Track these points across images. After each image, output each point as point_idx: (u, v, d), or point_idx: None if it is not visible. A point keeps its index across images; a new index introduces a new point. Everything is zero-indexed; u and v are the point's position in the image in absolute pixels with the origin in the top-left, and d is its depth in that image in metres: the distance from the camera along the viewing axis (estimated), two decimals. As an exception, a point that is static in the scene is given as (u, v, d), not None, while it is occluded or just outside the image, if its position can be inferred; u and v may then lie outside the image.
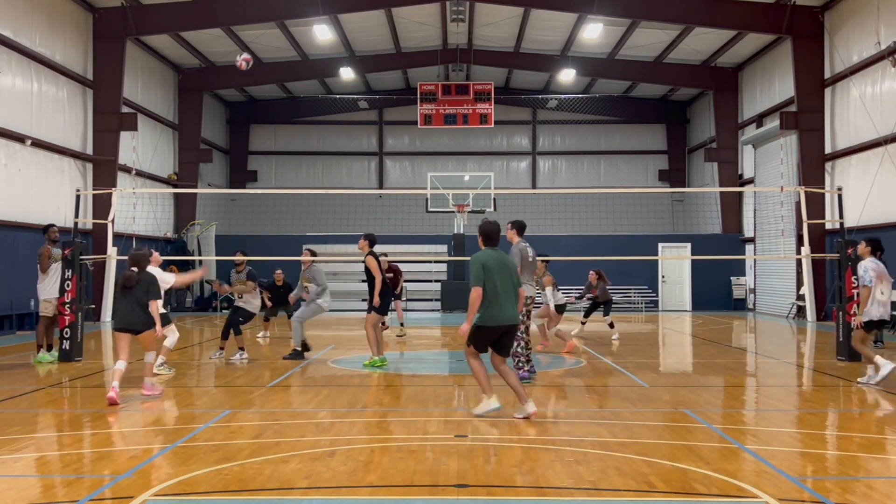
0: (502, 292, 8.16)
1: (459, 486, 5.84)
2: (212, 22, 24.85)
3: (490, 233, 8.40)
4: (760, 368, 13.62)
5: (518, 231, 10.84)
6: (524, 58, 31.11)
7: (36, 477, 6.33)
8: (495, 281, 8.13)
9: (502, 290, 8.16)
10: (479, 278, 8.08)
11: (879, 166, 20.49)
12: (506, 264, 8.31)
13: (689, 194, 34.85)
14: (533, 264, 10.96)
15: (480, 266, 8.10)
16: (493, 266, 8.17)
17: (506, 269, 8.27)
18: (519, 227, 10.86)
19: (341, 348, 16.06)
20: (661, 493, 5.68)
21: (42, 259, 13.26)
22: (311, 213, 31.87)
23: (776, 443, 7.39)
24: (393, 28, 27.81)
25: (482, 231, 8.43)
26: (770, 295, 27.51)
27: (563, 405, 9.41)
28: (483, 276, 8.10)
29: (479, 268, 8.09)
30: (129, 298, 9.61)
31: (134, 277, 9.60)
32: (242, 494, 5.74)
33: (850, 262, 13.32)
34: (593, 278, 18.13)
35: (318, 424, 8.15)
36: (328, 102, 35.18)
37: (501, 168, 36.12)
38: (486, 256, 8.22)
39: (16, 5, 19.81)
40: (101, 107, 23.61)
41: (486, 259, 8.18)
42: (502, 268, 8.23)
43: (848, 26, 22.46)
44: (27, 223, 19.56)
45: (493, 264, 8.18)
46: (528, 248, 10.86)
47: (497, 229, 8.48)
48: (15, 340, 17.49)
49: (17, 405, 9.40)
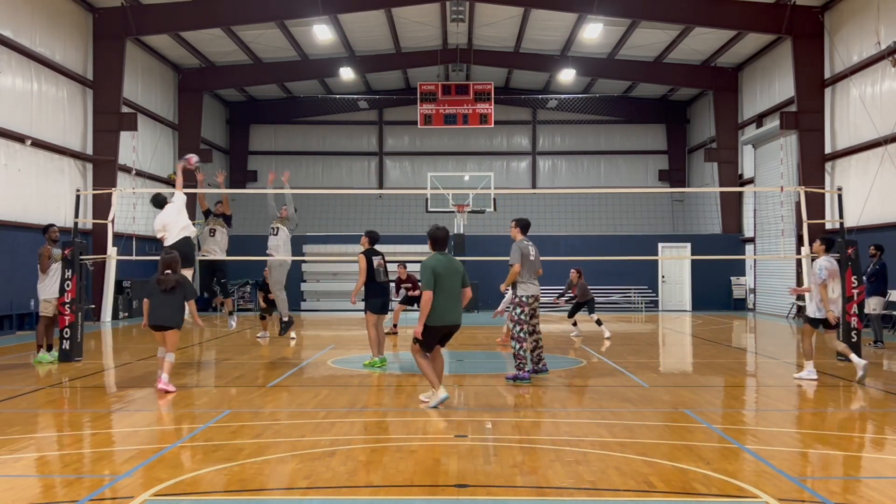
0: (449, 296, 8.81)
1: (459, 486, 5.84)
2: (212, 22, 24.84)
3: (438, 238, 9.02)
4: (760, 368, 13.62)
5: (522, 229, 10.96)
6: (524, 58, 31.10)
7: (36, 477, 6.33)
8: (443, 285, 8.76)
9: (449, 294, 8.80)
10: (430, 283, 8.72)
11: (879, 166, 20.49)
12: (454, 269, 8.91)
13: (689, 194, 34.85)
14: (534, 263, 10.94)
15: (430, 271, 8.73)
16: (442, 271, 8.78)
17: (454, 273, 8.88)
18: (522, 226, 11.02)
19: (341, 348, 16.06)
20: (661, 493, 5.68)
21: (42, 259, 13.26)
22: (311, 213, 31.82)
23: (776, 443, 7.39)
24: (393, 28, 27.81)
25: (430, 236, 9.04)
26: (770, 295, 27.51)
27: (563, 405, 9.41)
28: (433, 280, 8.70)
29: (430, 273, 8.73)
30: (166, 299, 10.19)
31: (171, 280, 10.19)
32: (242, 494, 5.74)
33: (850, 263, 13.32)
34: (574, 276, 18.19)
35: (318, 424, 8.15)
36: (328, 102, 35.18)
37: (501, 168, 36.12)
38: (436, 262, 8.85)
39: (16, 5, 19.81)
40: (101, 107, 23.60)
41: (435, 265, 8.80)
42: (450, 272, 8.84)
43: (848, 26, 22.46)
44: (27, 223, 19.56)
45: (442, 269, 8.79)
46: (531, 246, 10.88)
47: (445, 235, 9.07)
48: (15, 340, 17.49)
49: (17, 405, 9.40)
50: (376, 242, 12.62)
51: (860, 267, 13.61)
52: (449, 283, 8.80)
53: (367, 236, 12.63)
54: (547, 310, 28.80)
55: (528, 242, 10.91)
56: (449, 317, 8.84)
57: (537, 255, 11.06)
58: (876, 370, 12.60)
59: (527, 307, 10.83)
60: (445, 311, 8.80)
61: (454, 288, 8.87)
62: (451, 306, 8.84)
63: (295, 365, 13.22)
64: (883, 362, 13.63)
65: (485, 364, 13.81)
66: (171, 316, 10.20)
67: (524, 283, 10.84)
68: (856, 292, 13.30)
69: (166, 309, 10.19)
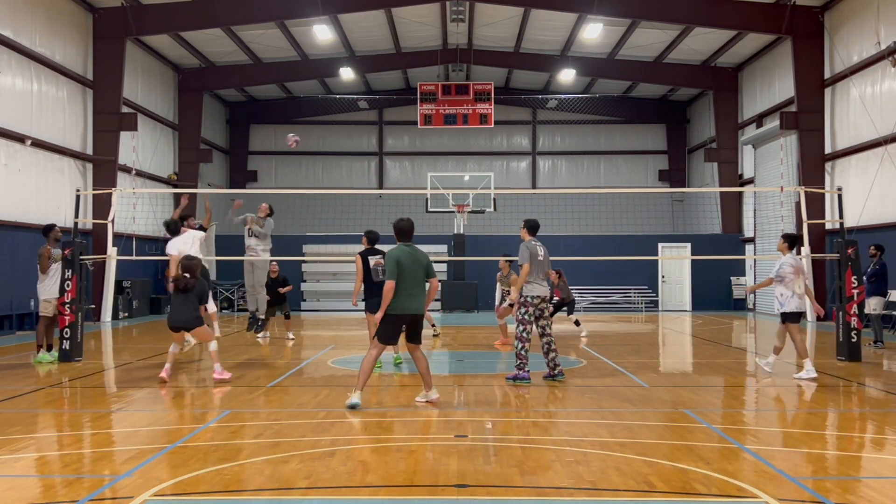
0: (410, 285, 9.00)
1: (459, 486, 5.84)
2: (212, 22, 24.84)
3: (403, 229, 9.22)
4: (760, 368, 13.62)
5: (529, 230, 11.11)
6: (524, 58, 31.10)
7: (36, 477, 6.33)
8: (405, 275, 8.96)
9: (411, 284, 9.00)
10: (394, 273, 8.92)
11: (879, 166, 20.49)
12: (417, 260, 9.10)
13: (689, 194, 34.85)
14: (543, 263, 10.97)
15: (395, 262, 8.95)
16: (405, 261, 8.99)
17: (417, 264, 9.08)
18: (530, 227, 11.14)
19: (341, 348, 16.06)
20: (661, 493, 5.68)
21: (42, 259, 13.26)
22: (311, 213, 31.84)
23: (776, 443, 7.39)
24: (393, 28, 27.81)
25: (395, 228, 9.24)
26: (770, 295, 27.39)
27: (563, 405, 9.41)
28: (396, 270, 8.92)
29: (394, 263, 8.95)
30: (182, 300, 10.88)
31: (189, 283, 10.88)
32: (242, 494, 5.74)
33: (850, 263, 13.32)
34: (554, 278, 18.18)
35: (318, 424, 8.15)
36: (328, 102, 35.18)
37: (501, 168, 36.12)
38: (400, 252, 9.05)
39: (16, 5, 19.81)
40: (101, 107, 23.60)
41: (399, 255, 9.01)
42: (413, 263, 9.05)
43: (848, 26, 22.46)
44: (27, 223, 19.56)
45: (406, 260, 9.00)
46: (539, 246, 10.96)
47: (410, 226, 9.24)
48: (15, 340, 17.49)
49: (17, 405, 9.40)
50: (376, 242, 12.62)
51: (860, 267, 13.62)
52: (412, 274, 9.01)
53: (366, 236, 12.64)
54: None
55: (536, 243, 10.99)
56: (409, 305, 9.00)
57: (546, 255, 11.08)
58: (876, 370, 12.61)
59: (531, 307, 10.84)
60: (406, 300, 8.97)
61: (417, 278, 9.06)
62: (412, 296, 9.02)
63: (295, 365, 13.23)
64: (883, 362, 13.63)
65: (485, 364, 13.81)
66: (187, 318, 10.83)
67: (531, 284, 10.85)
68: (856, 292, 13.30)
69: (182, 310, 10.83)
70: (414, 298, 9.03)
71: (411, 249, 9.15)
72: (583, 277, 28.91)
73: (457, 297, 27.62)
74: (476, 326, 21.06)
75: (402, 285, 8.94)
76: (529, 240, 11.02)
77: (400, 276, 8.93)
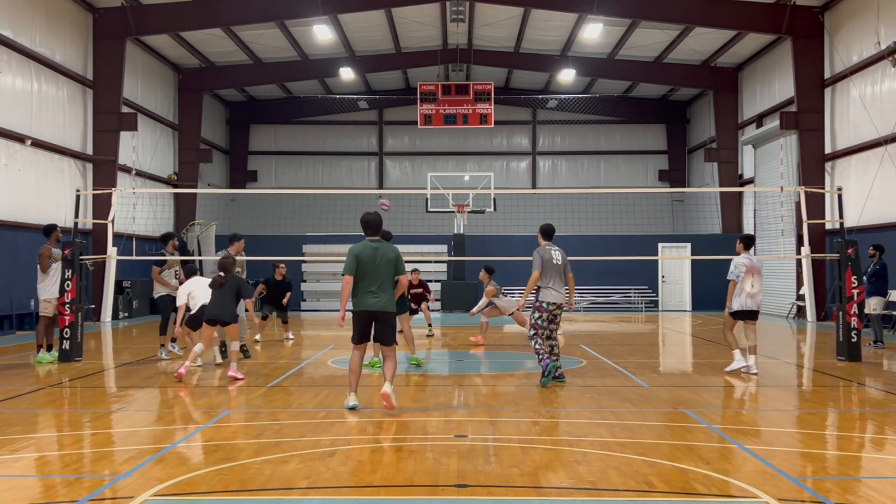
0: (371, 282, 8.65)
1: (459, 486, 5.84)
2: (212, 22, 24.84)
3: (367, 223, 8.91)
4: (760, 368, 13.60)
5: (543, 235, 10.92)
6: (524, 58, 31.10)
7: (36, 477, 6.33)
8: (364, 270, 8.64)
9: (370, 280, 8.65)
10: (349, 268, 8.63)
11: (879, 166, 20.49)
12: (381, 254, 8.72)
13: (689, 194, 34.85)
14: (559, 267, 10.69)
15: (353, 256, 8.65)
16: (365, 257, 8.66)
17: (381, 259, 8.70)
18: (544, 232, 10.93)
19: (341, 348, 16.04)
20: (661, 493, 5.68)
21: (42, 259, 13.25)
22: (311, 213, 31.83)
23: (776, 443, 7.39)
24: (393, 28, 27.81)
25: (362, 221, 8.94)
26: (770, 295, 27.50)
27: (563, 405, 9.40)
28: (354, 265, 8.62)
29: (352, 258, 8.65)
30: (217, 295, 11.21)
31: (220, 280, 11.21)
32: (242, 494, 5.74)
33: (850, 263, 13.32)
34: None
35: (318, 424, 8.15)
36: (328, 102, 35.18)
37: (501, 168, 36.12)
38: (361, 248, 8.74)
39: (16, 5, 19.81)
40: (101, 107, 23.60)
41: (359, 250, 8.70)
42: (374, 258, 8.68)
43: (848, 26, 22.46)
44: (27, 223, 19.56)
45: (366, 255, 8.67)
46: (555, 251, 10.70)
47: (375, 220, 8.91)
48: (15, 340, 17.49)
49: (17, 405, 9.40)
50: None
51: (860, 267, 13.61)
52: (372, 269, 8.64)
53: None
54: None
55: (550, 247, 10.74)
56: (368, 302, 8.64)
57: (564, 260, 10.78)
58: (876, 370, 12.61)
59: (545, 312, 10.61)
60: (367, 297, 8.64)
61: (380, 274, 8.67)
62: (373, 292, 8.64)
63: (295, 365, 13.22)
64: (883, 362, 13.63)
65: (484, 364, 13.81)
66: (223, 312, 11.15)
67: (546, 289, 10.59)
68: (856, 292, 13.30)
69: (219, 304, 11.16)
70: (375, 295, 8.65)
71: (376, 244, 8.79)
72: (583, 277, 28.87)
73: (457, 297, 27.61)
74: (476, 327, 21.03)
75: (362, 282, 8.64)
76: (544, 245, 10.77)
77: (359, 272, 8.63)
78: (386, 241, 9.01)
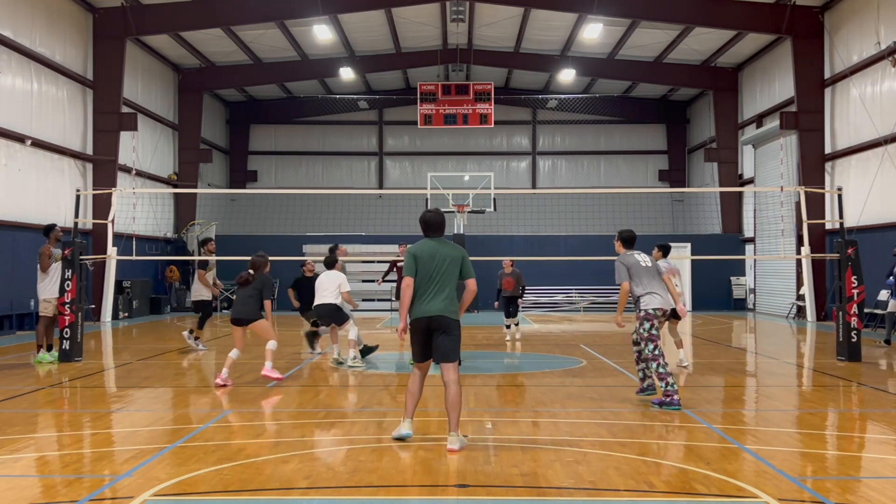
0: (430, 283, 7.34)
1: (459, 486, 5.84)
2: (212, 22, 24.84)
3: (430, 222, 7.59)
4: (760, 368, 13.62)
5: (623, 243, 9.64)
6: (524, 58, 31.10)
7: (36, 477, 6.33)
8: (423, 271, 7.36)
9: (430, 282, 7.34)
10: (409, 268, 7.36)
11: (879, 166, 20.49)
12: (440, 254, 7.39)
13: (689, 194, 34.84)
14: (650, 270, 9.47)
15: (411, 256, 7.40)
16: (423, 256, 7.38)
17: (439, 259, 7.38)
18: (624, 240, 9.65)
19: (341, 348, 16.01)
20: (661, 493, 5.68)
21: (42, 258, 13.25)
22: (311, 213, 31.85)
23: (776, 443, 7.39)
24: (393, 28, 27.81)
25: (421, 221, 7.62)
26: (770, 295, 27.51)
27: (563, 405, 9.40)
28: (414, 266, 7.36)
29: (410, 258, 7.40)
30: (241, 293, 11.08)
31: (245, 277, 11.06)
32: (242, 494, 5.74)
33: (850, 263, 13.32)
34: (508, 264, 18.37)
35: (318, 424, 8.15)
36: (328, 102, 35.18)
37: (501, 168, 36.12)
38: (419, 246, 7.49)
39: (16, 5, 19.81)
40: (101, 107, 23.60)
41: (417, 249, 7.45)
42: (433, 258, 7.37)
43: (848, 26, 22.46)
44: (27, 223, 19.56)
45: (425, 254, 7.39)
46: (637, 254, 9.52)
47: (437, 219, 7.61)
48: (15, 340, 17.49)
49: (17, 405, 9.40)
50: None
51: (860, 267, 13.59)
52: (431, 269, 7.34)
53: None
54: (546, 309, 28.80)
55: (632, 252, 9.55)
56: (425, 307, 7.28)
57: (654, 262, 9.66)
58: (876, 370, 12.61)
59: (655, 320, 9.32)
60: (422, 302, 7.32)
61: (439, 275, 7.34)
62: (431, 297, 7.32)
63: (295, 365, 13.22)
64: (881, 362, 13.62)
65: (485, 364, 13.81)
66: (243, 310, 10.97)
67: (647, 295, 9.33)
68: (855, 292, 13.30)
69: (242, 303, 11.02)
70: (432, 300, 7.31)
71: (437, 244, 7.47)
72: (583, 277, 28.94)
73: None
74: (476, 326, 21.05)
75: (420, 285, 7.35)
76: (624, 253, 9.56)
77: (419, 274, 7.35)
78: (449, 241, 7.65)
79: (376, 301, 28.90)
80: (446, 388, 7.15)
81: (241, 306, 11.01)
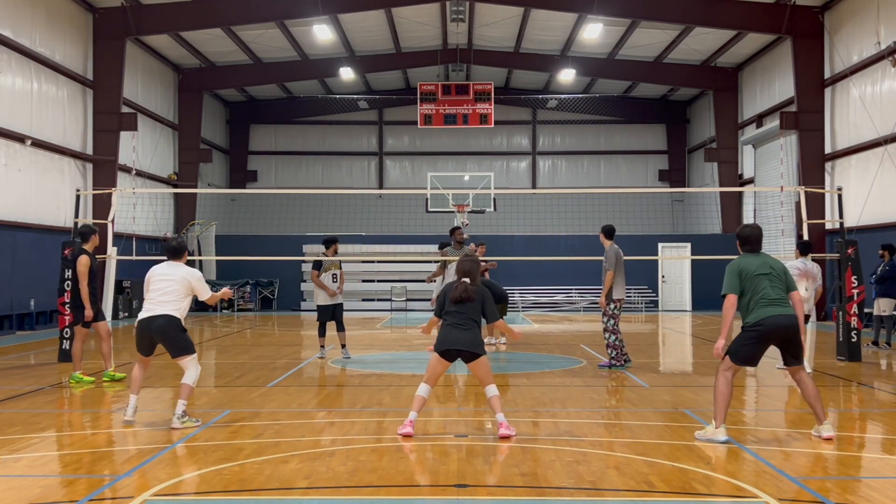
0: (768, 291, 7.51)
1: (459, 486, 5.84)
2: (212, 22, 24.84)
3: (749, 237, 7.77)
4: (760, 368, 13.59)
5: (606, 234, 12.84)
6: (524, 58, 31.10)
7: (36, 477, 6.32)
8: (750, 284, 7.56)
9: (767, 290, 7.51)
10: (731, 286, 7.56)
11: (879, 166, 20.49)
12: (766, 265, 7.61)
13: (689, 194, 34.84)
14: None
15: (735, 274, 7.57)
16: (751, 269, 7.57)
17: (772, 268, 7.60)
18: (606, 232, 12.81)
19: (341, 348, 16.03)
20: (661, 493, 5.68)
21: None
22: (311, 213, 31.83)
23: (776, 443, 7.39)
24: (393, 28, 27.81)
25: (740, 236, 7.87)
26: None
27: (563, 405, 9.40)
28: (737, 283, 7.54)
29: (733, 275, 7.58)
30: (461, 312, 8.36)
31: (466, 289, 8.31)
32: (242, 494, 5.74)
33: (850, 263, 13.31)
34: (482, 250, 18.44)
35: (318, 424, 8.15)
36: (328, 102, 35.17)
37: (501, 168, 36.11)
38: (741, 260, 7.67)
39: (16, 5, 19.81)
40: (101, 107, 23.59)
41: (738, 265, 7.62)
42: (760, 268, 7.58)
43: (848, 26, 22.46)
44: (27, 223, 19.56)
45: (750, 269, 7.58)
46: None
47: (756, 234, 7.80)
48: (15, 340, 17.48)
49: (17, 405, 9.40)
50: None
51: (860, 267, 13.58)
52: (763, 275, 7.52)
53: None
54: (549, 309, 28.80)
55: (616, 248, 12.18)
56: (776, 312, 7.45)
57: None
58: (876, 370, 12.61)
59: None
60: (766, 307, 7.48)
61: (774, 283, 7.52)
62: (773, 301, 7.47)
63: (295, 365, 13.22)
64: (881, 362, 13.63)
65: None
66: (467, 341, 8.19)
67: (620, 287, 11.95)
68: (856, 292, 13.29)
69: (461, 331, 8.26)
70: (775, 306, 7.45)
71: (759, 259, 7.66)
72: (583, 277, 28.92)
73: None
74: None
75: (754, 296, 7.48)
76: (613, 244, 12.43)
77: (745, 287, 7.51)
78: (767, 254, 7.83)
79: (376, 301, 28.95)
80: (805, 385, 7.53)
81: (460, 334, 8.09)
